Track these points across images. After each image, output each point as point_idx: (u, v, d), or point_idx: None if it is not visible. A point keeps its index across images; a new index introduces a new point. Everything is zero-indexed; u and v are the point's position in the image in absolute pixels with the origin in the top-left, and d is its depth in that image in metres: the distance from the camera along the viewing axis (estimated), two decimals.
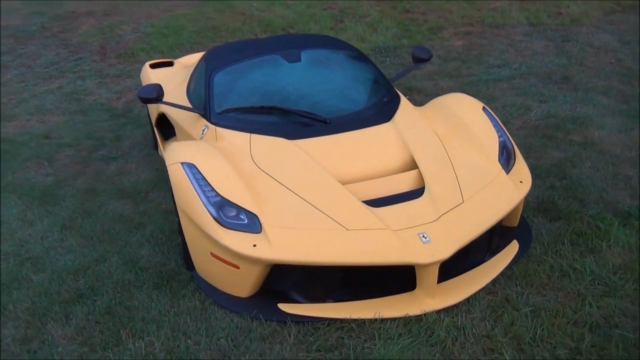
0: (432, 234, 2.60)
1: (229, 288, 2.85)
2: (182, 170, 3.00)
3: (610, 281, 2.73)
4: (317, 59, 3.99)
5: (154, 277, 3.18)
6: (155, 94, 3.65)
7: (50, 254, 3.58)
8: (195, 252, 2.98)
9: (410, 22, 8.39)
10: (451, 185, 2.88)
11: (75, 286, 3.18)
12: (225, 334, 2.62)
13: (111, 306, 2.93)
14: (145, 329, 2.72)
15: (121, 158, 5.24)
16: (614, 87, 5.51)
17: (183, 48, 8.89)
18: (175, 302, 2.92)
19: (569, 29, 7.33)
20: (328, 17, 9.10)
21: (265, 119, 3.50)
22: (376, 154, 3.15)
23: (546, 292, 2.71)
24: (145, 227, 3.81)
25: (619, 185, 3.72)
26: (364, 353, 2.39)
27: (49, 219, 4.09)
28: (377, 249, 2.57)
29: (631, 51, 6.32)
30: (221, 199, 2.82)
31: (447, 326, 2.48)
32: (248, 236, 2.67)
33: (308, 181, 2.93)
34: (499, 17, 8.01)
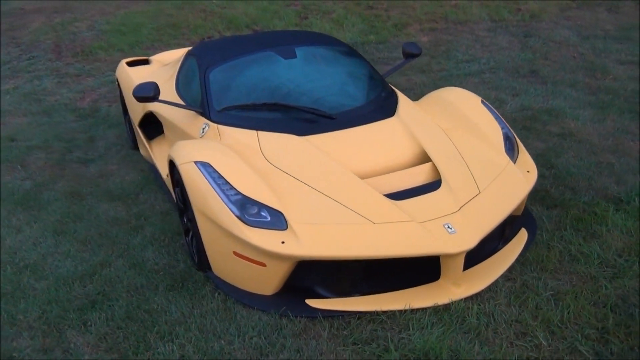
0: (456, 224, 2.68)
1: (253, 287, 2.84)
2: (196, 170, 2.96)
3: (617, 263, 2.89)
4: (312, 56, 4.00)
5: (167, 279, 3.12)
6: (153, 92, 3.58)
7: (48, 261, 3.45)
8: (214, 253, 2.94)
9: (375, 19, 8.51)
10: (466, 176, 2.96)
11: (85, 292, 3.08)
12: (257, 333, 2.61)
13: (130, 311, 2.86)
14: (172, 331, 2.67)
15: (99, 160, 5.09)
16: (580, 80, 5.78)
17: (144, 46, 8.70)
18: (197, 303, 2.88)
19: (530, 25, 7.62)
20: (292, 13, 9.11)
21: (270, 116, 3.49)
22: (387, 148, 3.20)
23: (560, 276, 2.84)
24: (144, 229, 3.73)
25: (603, 173, 3.92)
26: (402, 343, 2.44)
27: (37, 224, 3.93)
28: (404, 241, 2.62)
29: (591, 46, 6.63)
30: (242, 197, 2.80)
31: (477, 313, 2.57)
32: (275, 233, 2.67)
33: (327, 177, 2.95)
34: (461, 14, 8.24)
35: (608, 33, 6.92)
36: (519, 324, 2.51)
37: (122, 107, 5.53)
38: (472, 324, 2.51)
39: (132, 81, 4.91)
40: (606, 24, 7.21)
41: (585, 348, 2.32)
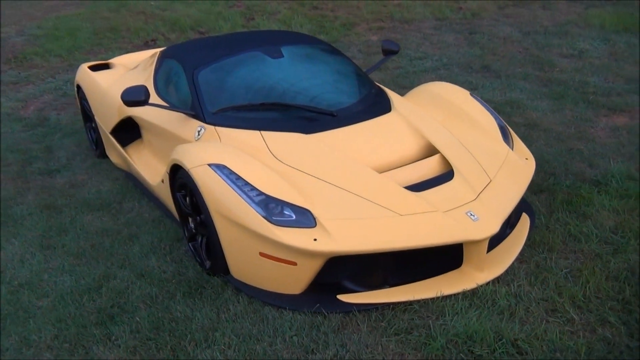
0: (477, 211, 2.79)
1: (280, 287, 2.83)
2: (212, 173, 2.91)
3: (615, 240, 3.11)
4: (299, 55, 4.01)
5: (182, 287, 3.04)
6: (144, 95, 3.47)
7: (44, 277, 3.27)
8: (235, 255, 2.90)
9: (322, 19, 8.59)
10: (475, 166, 3.09)
11: (97, 306, 2.95)
12: (296, 332, 2.60)
13: (154, 321, 2.77)
14: (207, 338, 2.62)
15: (64, 170, 4.86)
16: (530, 73, 6.11)
17: (83, 50, 8.36)
18: (222, 308, 2.83)
19: (472, 22, 7.97)
20: (236, 15, 9.03)
21: (270, 116, 3.47)
22: (393, 142, 3.27)
23: (568, 255, 3.02)
24: (140, 238, 3.61)
25: (576, 158, 4.20)
26: (444, 329, 2.52)
27: (18, 240, 3.71)
28: (432, 230, 2.70)
29: (533, 41, 7.03)
30: (266, 197, 2.79)
31: (506, 294, 2.69)
32: (304, 231, 2.67)
33: (344, 172, 2.98)
34: (405, 13, 8.48)
35: (547, 29, 7.36)
36: (546, 301, 2.65)
37: (83, 114, 5.30)
38: (503, 305, 2.63)
39: (99, 86, 4.73)
40: (543, 20, 7.67)
41: (613, 319, 2.50)
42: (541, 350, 2.34)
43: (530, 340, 2.39)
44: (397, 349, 2.46)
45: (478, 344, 2.40)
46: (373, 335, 2.55)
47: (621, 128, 4.64)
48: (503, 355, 2.35)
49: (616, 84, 5.62)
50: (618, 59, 6.22)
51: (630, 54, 6.29)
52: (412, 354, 2.42)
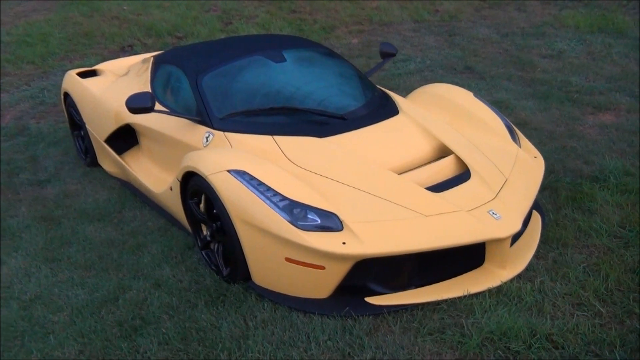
0: (498, 210, 2.85)
1: (307, 292, 2.82)
2: (233, 179, 2.88)
3: (623, 234, 3.22)
4: (300, 58, 4.01)
5: (202, 295, 3.00)
6: (150, 102, 3.41)
7: (55, 291, 3.18)
8: (259, 261, 2.88)
9: (301, 22, 8.60)
10: (490, 165, 3.15)
11: (118, 319, 2.88)
12: (328, 336, 2.60)
13: (181, 331, 2.72)
14: (240, 346, 2.58)
15: (54, 180, 4.73)
16: (513, 73, 6.25)
17: (57, 57, 8.16)
18: (247, 316, 2.80)
19: (450, 24, 8.10)
20: (214, 19, 8.95)
21: (280, 120, 3.46)
22: (406, 144, 3.30)
23: (581, 250, 3.11)
24: (148, 248, 3.54)
25: (571, 156, 4.31)
26: (476, 327, 2.55)
27: (19, 253, 3.59)
28: (458, 230, 2.74)
29: (512, 42, 7.20)
30: (290, 202, 2.77)
31: (531, 291, 2.75)
32: (332, 235, 2.67)
33: (364, 175, 3.00)
34: (384, 16, 8.56)
35: (524, 30, 7.55)
36: (571, 296, 2.72)
37: (70, 122, 5.18)
38: (530, 302, 2.68)
39: (90, 94, 4.62)
40: (519, 22, 7.86)
41: (639, 310, 2.58)
42: (576, 344, 2.40)
43: (563, 334, 2.45)
44: (433, 349, 2.48)
45: (513, 341, 2.45)
46: (407, 336, 2.56)
47: (609, 126, 4.79)
48: (540, 350, 2.39)
49: (597, 83, 5.79)
50: (596, 59, 6.42)
51: (606, 53, 6.50)
52: (449, 353, 2.45)
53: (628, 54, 6.42)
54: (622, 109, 5.10)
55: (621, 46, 6.64)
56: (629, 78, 5.81)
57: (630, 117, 4.91)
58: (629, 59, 6.31)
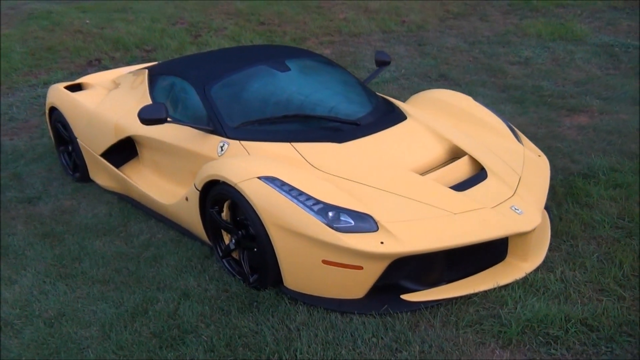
0: (519, 206, 3.01)
1: (343, 292, 2.88)
2: (264, 185, 2.92)
3: (624, 225, 3.44)
4: (304, 68, 4.09)
5: (234, 302, 3.02)
6: (165, 113, 3.42)
7: (77, 306, 3.12)
8: (294, 265, 2.92)
9: (271, 34, 8.67)
10: (503, 164, 3.31)
11: (153, 330, 2.85)
12: (372, 334, 2.67)
13: (223, 338, 2.73)
14: (288, 349, 2.62)
15: (45, 197, 4.62)
16: (486, 80, 6.53)
17: (21, 72, 7.95)
18: (286, 319, 2.84)
19: (418, 34, 8.37)
20: (182, 32, 8.90)
21: (294, 128, 3.52)
22: (421, 147, 3.43)
23: (590, 241, 3.31)
24: (165, 259, 3.52)
25: (557, 155, 4.55)
26: (515, 317, 2.68)
27: (28, 271, 3.50)
28: (486, 226, 2.88)
29: (480, 50, 7.51)
30: (324, 205, 2.84)
31: (555, 281, 2.91)
32: (368, 235, 2.75)
33: (388, 177, 3.10)
34: (352, 27, 8.75)
35: (489, 39, 7.88)
36: (592, 283, 2.90)
37: (56, 138, 5.06)
38: (556, 290, 2.85)
39: (83, 107, 4.55)
40: (484, 31, 8.20)
41: None
42: (609, 326, 2.57)
43: (596, 317, 2.61)
44: (477, 339, 2.59)
45: (550, 327, 2.59)
46: (448, 329, 2.67)
47: (586, 127, 5.08)
48: (577, 334, 2.55)
49: (566, 87, 6.13)
50: (561, 65, 6.79)
51: (570, 59, 6.88)
52: (493, 341, 2.57)
53: (590, 60, 6.82)
54: (595, 111, 5.42)
55: (582, 52, 7.04)
56: (595, 82, 6.18)
57: (603, 119, 5.22)
58: (591, 64, 6.71)
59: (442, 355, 2.51)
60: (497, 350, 2.52)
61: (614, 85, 6.01)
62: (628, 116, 5.20)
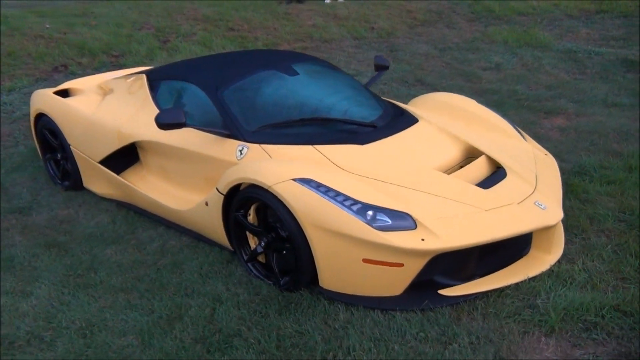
0: (542, 201, 3.15)
1: (382, 290, 2.93)
2: (300, 187, 2.94)
3: (627, 218, 3.66)
4: (311, 72, 4.12)
5: (270, 305, 3.01)
6: (184, 118, 3.38)
7: (106, 316, 3.03)
8: (333, 265, 2.94)
9: (243, 40, 8.65)
10: (519, 162, 3.46)
11: (194, 337, 2.81)
12: (419, 329, 2.73)
13: (271, 340, 2.72)
14: (341, 346, 2.64)
15: (37, 207, 4.46)
16: (462, 85, 6.76)
17: None
18: (328, 319, 2.86)
19: (389, 41, 8.56)
20: (149, 37, 8.75)
21: (313, 131, 3.55)
22: (439, 147, 3.53)
23: (599, 234, 3.50)
24: (184, 266, 3.47)
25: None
26: (551, 306, 2.81)
27: (42, 283, 3.37)
28: (515, 221, 3.00)
29: (452, 56, 7.76)
30: (362, 205, 2.89)
31: (579, 271, 3.07)
32: (409, 233, 2.82)
33: (416, 177, 3.18)
34: (323, 33, 8.85)
35: (458, 45, 8.16)
36: (613, 272, 3.07)
37: (42, 145, 4.88)
38: (582, 280, 3.00)
39: (79, 113, 4.42)
40: (452, 38, 8.48)
41: None
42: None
43: (628, 303, 2.77)
44: (520, 329, 2.70)
45: (587, 314, 2.73)
46: (490, 320, 2.77)
47: (566, 128, 5.36)
48: (613, 319, 2.70)
49: (539, 91, 6.43)
50: (530, 70, 7.11)
51: (538, 65, 7.22)
52: (537, 330, 2.69)
53: (557, 65, 7.18)
54: (571, 113, 5.71)
55: (549, 58, 7.40)
56: (565, 86, 6.52)
57: (580, 120, 5.52)
58: (558, 69, 7.07)
59: (491, 345, 2.60)
60: (542, 338, 2.64)
61: (583, 89, 6.35)
62: (603, 118, 5.51)
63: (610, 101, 5.91)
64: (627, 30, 8.11)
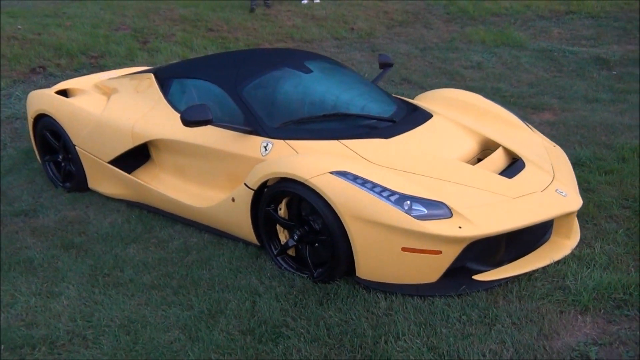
0: (562, 189, 3.32)
1: (419, 277, 3.02)
2: (338, 179, 3.01)
3: (630, 204, 3.87)
4: (323, 69, 4.20)
5: (308, 296, 3.07)
6: (211, 114, 3.41)
7: (145, 313, 3.02)
8: (371, 255, 3.01)
9: (223, 40, 8.64)
10: (534, 152, 3.62)
11: (241, 329, 2.84)
12: (461, 313, 2.84)
13: (319, 328, 2.78)
14: (391, 331, 2.72)
15: (42, 209, 4.39)
16: (447, 83, 6.95)
17: None
18: (372, 307, 2.94)
19: (369, 41, 8.70)
20: (127, 37, 8.63)
21: (335, 126, 3.63)
22: (457, 140, 3.66)
23: (607, 219, 3.69)
24: (215, 261, 3.49)
25: None
26: (581, 287, 2.96)
27: (69, 283, 3.34)
28: (541, 208, 3.15)
29: (433, 56, 7.96)
30: (400, 195, 2.98)
31: (599, 254, 3.25)
32: (446, 221, 2.93)
33: (443, 168, 3.29)
34: (303, 33, 8.92)
35: (438, 45, 8.37)
36: (631, 254, 3.26)
37: (42, 147, 4.79)
38: (603, 262, 3.18)
39: (87, 112, 4.36)
40: (431, 38, 8.69)
41: None
42: None
43: None
44: (556, 308, 2.85)
45: (616, 292, 2.90)
46: (526, 302, 2.90)
47: (555, 123, 5.60)
48: None
49: (522, 88, 6.69)
50: (510, 68, 7.37)
51: (517, 63, 7.49)
52: (572, 309, 2.83)
53: (535, 64, 7.47)
54: (557, 109, 5.97)
55: (526, 57, 7.69)
56: (545, 83, 6.79)
57: (567, 115, 5.77)
58: (537, 67, 7.35)
59: (532, 325, 2.74)
60: (578, 317, 2.79)
61: (563, 86, 6.63)
62: (587, 112, 5.78)
63: (591, 97, 6.20)
64: (596, 31, 8.50)
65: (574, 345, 2.60)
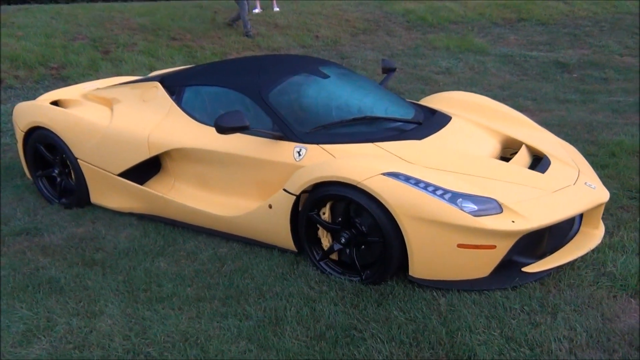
0: (590, 181, 3.49)
1: (472, 273, 3.08)
2: (391, 180, 3.04)
3: (633, 195, 4.12)
4: (339, 74, 4.21)
5: (366, 298, 3.06)
6: (248, 121, 3.36)
7: (200, 327, 2.91)
8: (426, 253, 3.04)
9: (189, 49, 8.47)
10: (555, 149, 3.79)
11: (310, 335, 2.79)
12: (521, 305, 2.92)
13: (396, 329, 2.78)
14: (461, 326, 2.76)
15: (43, 227, 4.18)
16: (423, 88, 7.15)
17: None
18: (432, 304, 2.97)
19: (336, 49, 8.79)
20: (86, 47, 8.31)
21: (365, 129, 3.64)
22: (482, 140, 3.77)
23: (620, 210, 3.92)
24: (253, 270, 3.42)
25: None
26: (622, 272, 3.12)
27: (108, 302, 3.17)
28: (578, 200, 3.30)
29: (402, 62, 8.15)
30: (452, 193, 3.04)
31: (627, 241, 3.44)
32: (499, 216, 3.02)
33: (481, 167, 3.38)
34: (270, 42, 8.89)
35: (404, 52, 8.58)
36: None
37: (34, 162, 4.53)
38: (635, 248, 3.37)
39: (92, 124, 4.17)
40: (396, 45, 8.89)
41: None
42: None
43: None
44: (607, 294, 2.99)
45: None
46: (577, 290, 3.03)
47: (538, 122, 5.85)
48: None
49: (495, 91, 6.98)
50: (478, 73, 7.67)
51: (484, 68, 7.81)
52: (623, 293, 2.98)
53: (500, 68, 7.81)
54: (533, 110, 6.27)
55: (491, 62, 8.02)
56: (515, 86, 7.12)
57: (546, 115, 6.07)
58: (503, 71, 7.69)
59: (592, 310, 2.86)
60: (631, 300, 2.94)
61: (532, 88, 6.97)
62: (563, 113, 6.11)
63: (562, 98, 6.56)
64: (549, 37, 8.99)
65: (638, 326, 2.74)
